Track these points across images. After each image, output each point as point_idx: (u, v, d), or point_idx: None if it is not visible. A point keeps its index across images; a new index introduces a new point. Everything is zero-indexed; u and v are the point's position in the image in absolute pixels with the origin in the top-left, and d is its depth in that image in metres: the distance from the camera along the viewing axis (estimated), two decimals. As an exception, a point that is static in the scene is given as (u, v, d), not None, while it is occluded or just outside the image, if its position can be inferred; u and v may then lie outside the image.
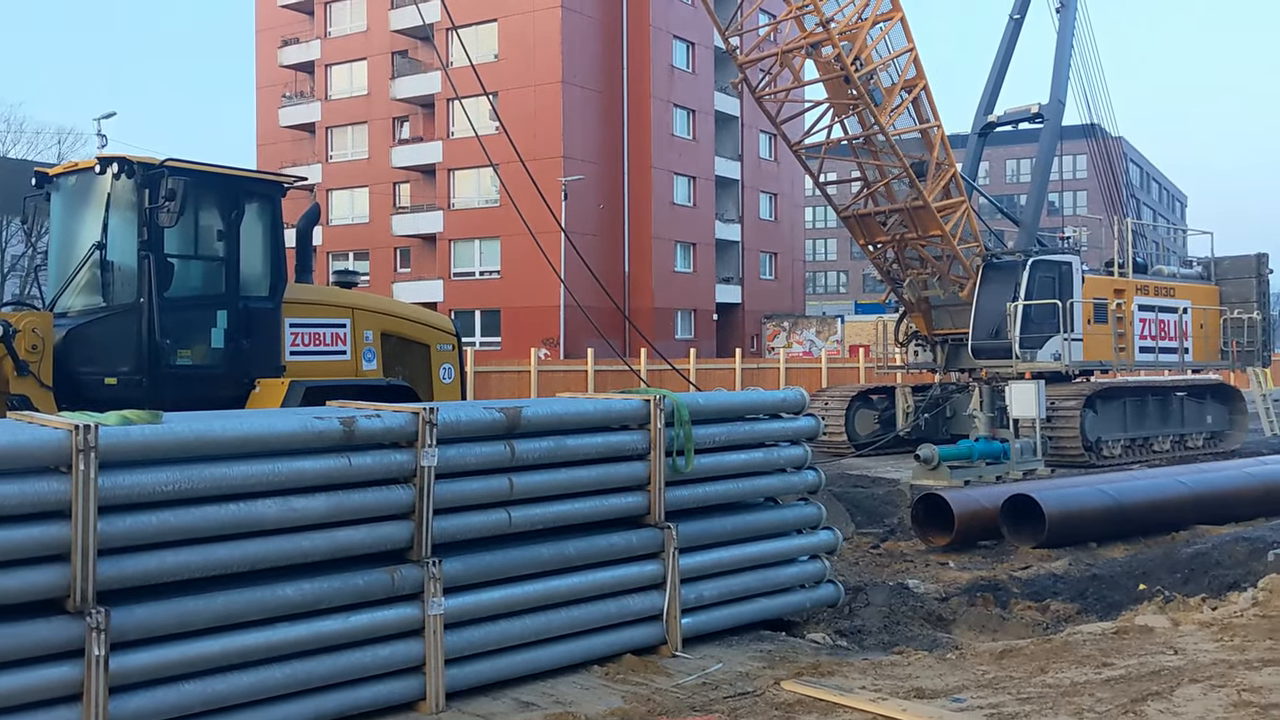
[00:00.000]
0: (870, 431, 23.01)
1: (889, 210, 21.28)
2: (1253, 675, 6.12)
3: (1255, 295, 25.23)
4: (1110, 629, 7.64)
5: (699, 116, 54.14)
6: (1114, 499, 13.10)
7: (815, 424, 8.13)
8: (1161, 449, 22.45)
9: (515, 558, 6.32)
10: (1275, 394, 30.53)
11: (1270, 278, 25.68)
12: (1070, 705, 5.68)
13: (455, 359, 11.92)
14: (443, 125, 51.54)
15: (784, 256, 61.31)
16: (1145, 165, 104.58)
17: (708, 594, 7.28)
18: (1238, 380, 27.27)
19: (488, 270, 50.75)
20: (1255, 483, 14.88)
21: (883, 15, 19.64)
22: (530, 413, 6.42)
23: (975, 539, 12.90)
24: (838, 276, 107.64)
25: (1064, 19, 23.63)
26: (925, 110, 20.38)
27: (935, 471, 16.47)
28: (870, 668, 6.62)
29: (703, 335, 53.01)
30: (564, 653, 6.48)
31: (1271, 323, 27.46)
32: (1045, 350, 21.12)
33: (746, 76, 20.71)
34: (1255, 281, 25.25)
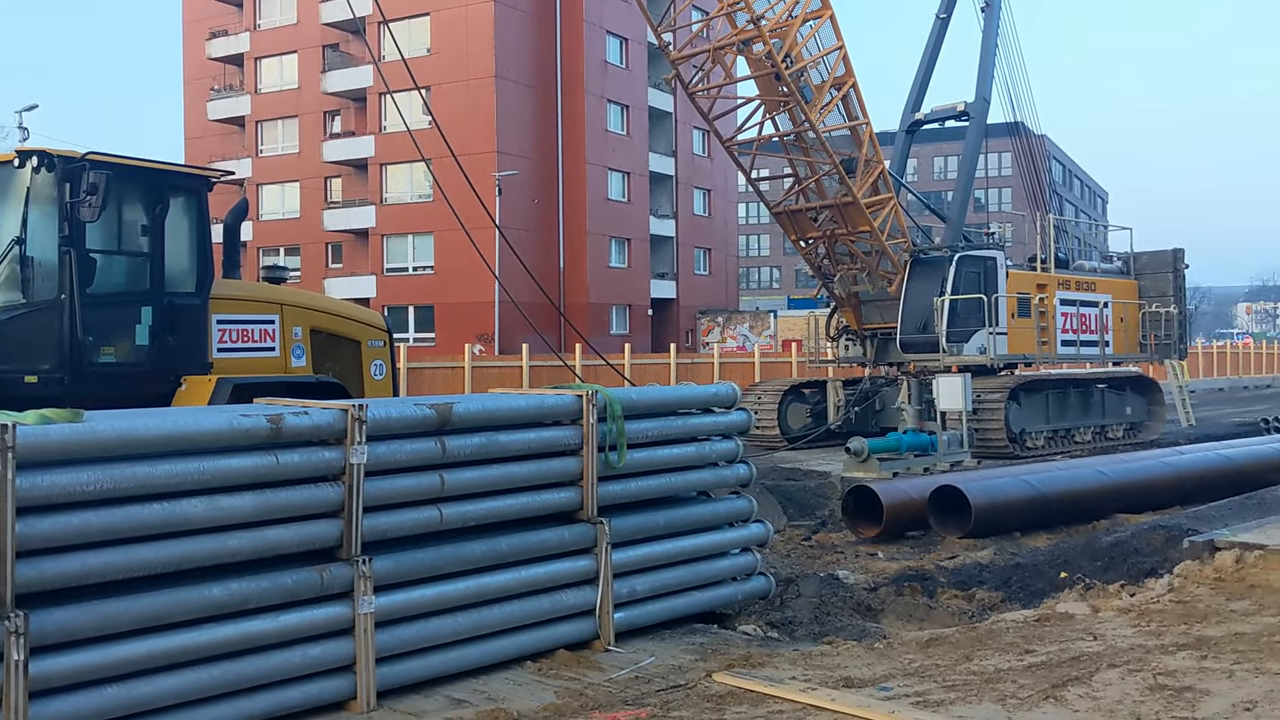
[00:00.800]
0: (802, 425, 23.23)
1: (820, 206, 21.49)
2: (1168, 659, 6.30)
3: (1172, 289, 25.90)
4: (1033, 616, 7.81)
5: (633, 112, 54.20)
6: (1037, 489, 13.39)
7: (747, 418, 8.20)
8: (1083, 440, 22.98)
9: (447, 555, 6.31)
10: (1191, 386, 31.46)
11: (1186, 272, 26.39)
12: (994, 692, 5.80)
13: (387, 355, 11.83)
14: (375, 119, 51.03)
15: (718, 252, 61.63)
16: (1068, 163, 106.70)
17: (640, 588, 7.32)
18: (1156, 372, 27.94)
19: (421, 266, 50.37)
20: (1172, 472, 15.29)
21: (813, 13, 19.82)
22: (461, 409, 6.40)
23: (904, 530, 13.10)
24: (771, 272, 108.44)
25: (988, 18, 24.02)
26: (854, 107, 20.60)
27: (865, 464, 16.71)
28: (800, 658, 6.71)
29: (638, 330, 53.11)
30: (497, 649, 6.48)
31: (1188, 316, 28.20)
32: (971, 344, 21.49)
33: (679, 73, 20.77)
34: (1172, 276, 25.91)
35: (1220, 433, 24.56)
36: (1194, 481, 15.20)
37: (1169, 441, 22.19)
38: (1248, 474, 15.96)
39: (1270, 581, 8.08)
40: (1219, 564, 8.44)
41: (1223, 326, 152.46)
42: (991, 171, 74.40)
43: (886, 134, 24.94)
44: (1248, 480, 15.56)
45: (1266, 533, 9.25)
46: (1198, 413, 29.93)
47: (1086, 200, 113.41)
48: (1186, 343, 27.63)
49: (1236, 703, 5.53)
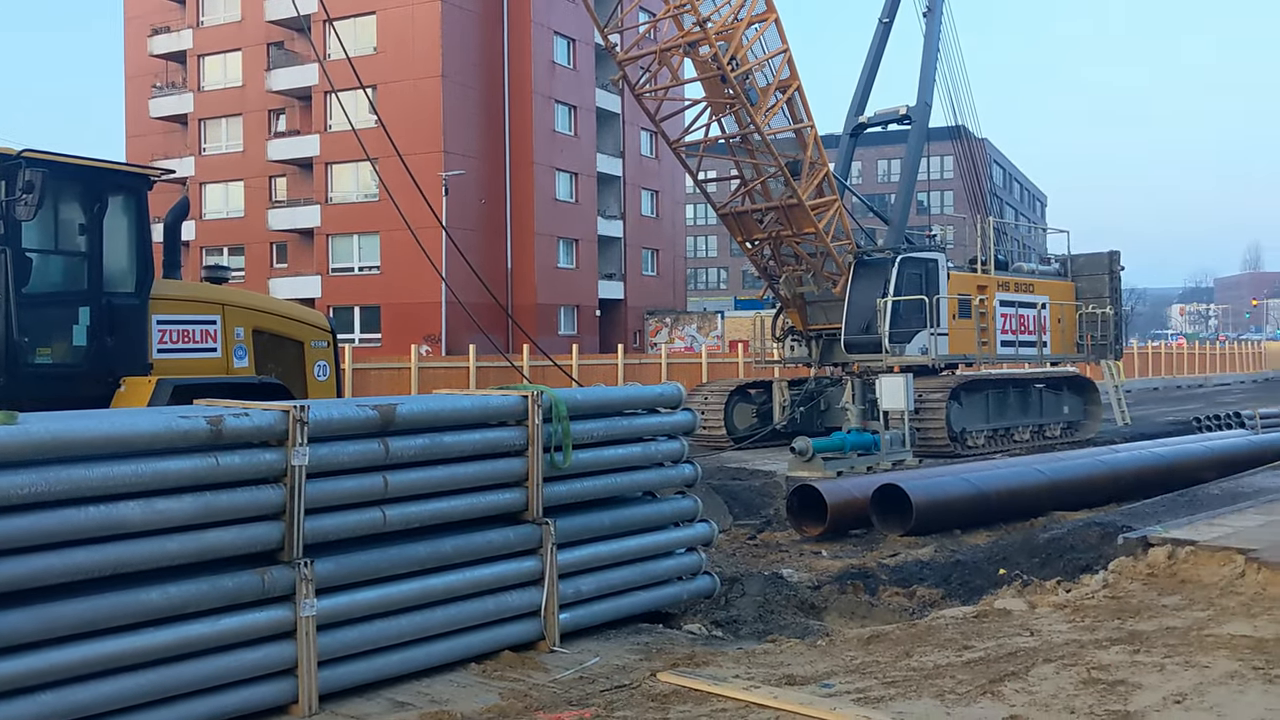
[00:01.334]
0: (748, 425, 23.38)
1: (765, 208, 21.64)
2: (1101, 654, 6.43)
3: (1108, 291, 26.41)
4: (971, 613, 7.92)
5: (580, 113, 54.16)
6: (977, 487, 13.61)
7: (692, 418, 8.25)
8: (1022, 439, 23.36)
9: (390, 557, 6.28)
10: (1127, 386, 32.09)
11: (1122, 274, 26.91)
12: (933, 687, 5.89)
13: (330, 356, 11.74)
14: (320, 118, 50.56)
15: (665, 253, 61.76)
16: (1008, 166, 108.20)
17: (586, 589, 7.33)
18: (1092, 372, 28.47)
19: (367, 266, 49.98)
20: (1108, 470, 15.61)
21: (758, 16, 19.96)
22: (405, 410, 6.38)
23: (847, 528, 13.25)
24: (718, 273, 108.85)
25: (930, 24, 24.33)
26: (799, 110, 20.78)
27: (810, 463, 16.85)
28: (744, 657, 6.75)
29: (586, 331, 53.08)
30: (441, 651, 6.46)
31: (1124, 317, 28.75)
32: (913, 344, 21.76)
33: (626, 74, 20.82)
34: (1108, 277, 26.43)
35: (1154, 431, 25.07)
36: (1129, 479, 15.53)
37: (1105, 440, 22.64)
38: (1180, 471, 16.34)
39: (1200, 577, 8.27)
40: (1152, 560, 8.62)
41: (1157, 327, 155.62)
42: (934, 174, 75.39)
43: (831, 137, 25.20)
44: (1180, 478, 15.93)
45: (1197, 529, 9.46)
46: (1133, 412, 30.57)
47: (1026, 203, 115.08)
48: (1122, 343, 28.19)
49: (1167, 695, 5.65)
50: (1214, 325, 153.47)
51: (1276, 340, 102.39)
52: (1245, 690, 5.73)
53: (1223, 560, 8.32)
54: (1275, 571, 7.89)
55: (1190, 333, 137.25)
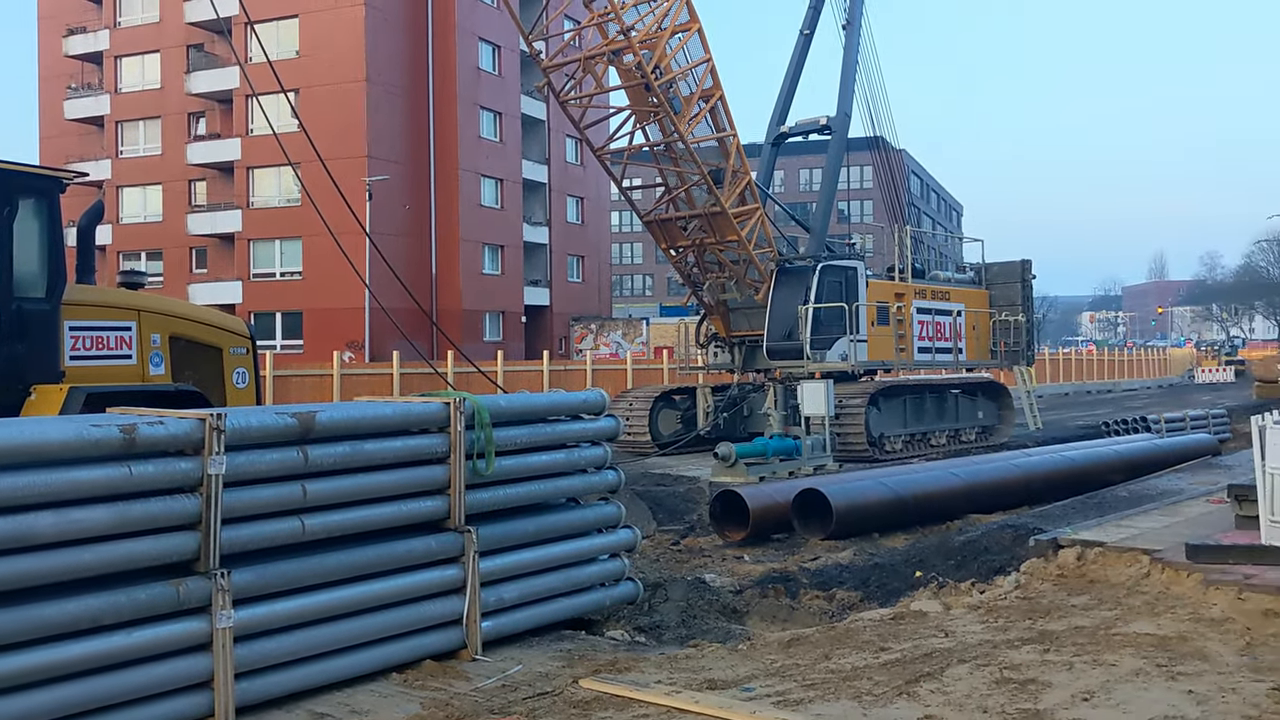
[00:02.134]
0: (673, 431, 23.50)
1: (689, 216, 21.80)
2: (1013, 654, 6.59)
3: (1020, 299, 27.07)
4: (889, 615, 8.06)
5: (506, 119, 54.02)
6: (895, 491, 13.85)
7: (615, 424, 8.28)
8: (938, 443, 23.80)
9: (310, 566, 6.21)
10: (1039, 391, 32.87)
11: (1033, 282, 27.60)
12: (851, 689, 5.99)
13: (250, 363, 11.57)
14: (241, 122, 49.78)
15: (591, 259, 61.81)
16: (926, 177, 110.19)
17: (509, 596, 7.31)
18: (1006, 378, 29.09)
19: (289, 271, 49.30)
20: (1020, 473, 16.00)
21: (681, 25, 20.11)
22: (325, 417, 6.32)
23: (769, 532, 13.38)
24: (643, 279, 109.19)
25: (849, 36, 24.72)
26: (722, 119, 20.97)
27: (733, 468, 17.00)
28: (666, 662, 6.79)
29: (511, 337, 52.90)
30: (362, 661, 6.41)
31: (1035, 325, 29.45)
32: (834, 351, 22.08)
33: (550, 81, 20.84)
34: (1020, 286, 27.10)
35: (1065, 435, 25.73)
36: (1040, 482, 15.93)
37: (1018, 444, 23.18)
38: (1090, 474, 16.81)
39: (1108, 577, 8.51)
40: (1062, 561, 8.86)
41: (1068, 334, 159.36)
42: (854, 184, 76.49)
43: (754, 146, 25.46)
44: (1089, 480, 16.39)
45: (1105, 530, 9.75)
46: (1044, 416, 31.29)
47: (943, 213, 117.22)
48: (1034, 350, 28.92)
49: (1075, 693, 5.81)
50: (1122, 332, 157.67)
51: (1181, 347, 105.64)
52: (1149, 687, 5.91)
53: (1129, 561, 8.58)
54: (1178, 571, 8.15)
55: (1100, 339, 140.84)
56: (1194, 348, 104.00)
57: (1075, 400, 50.12)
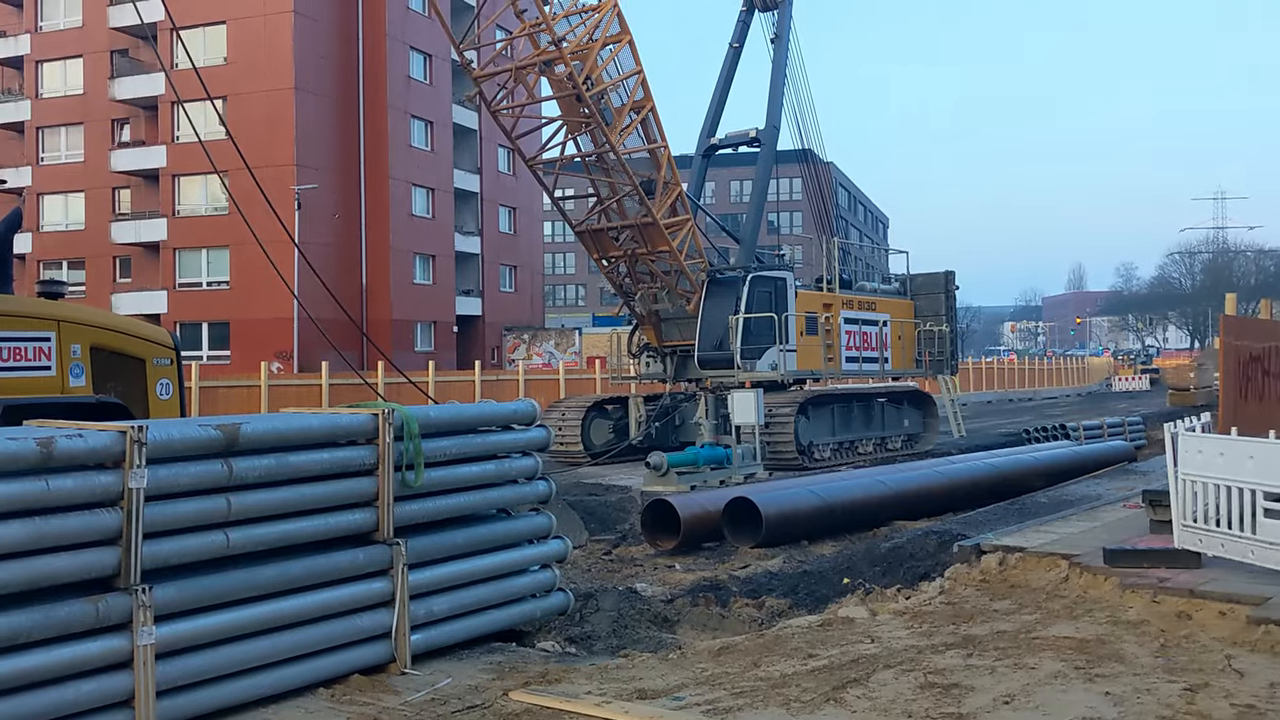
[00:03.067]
0: (605, 440, 23.53)
1: (621, 226, 21.87)
2: (937, 658, 6.71)
3: (944, 309, 27.57)
4: (817, 622, 8.14)
5: (437, 128, 53.72)
6: (823, 499, 14.01)
7: (546, 435, 8.27)
8: (865, 451, 24.14)
9: (235, 581, 6.12)
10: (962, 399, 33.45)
11: (957, 293, 28.11)
12: (779, 696, 6.05)
13: (174, 374, 11.36)
14: (167, 129, 48.90)
15: (523, 269, 61.65)
16: (853, 189, 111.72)
17: (438, 609, 7.27)
18: (930, 387, 29.58)
19: (216, 281, 48.52)
20: (945, 480, 16.30)
21: (612, 37, 20.20)
22: (250, 429, 6.24)
23: (701, 541, 13.45)
24: (576, 289, 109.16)
25: (778, 50, 25.01)
26: (653, 131, 21.08)
27: (664, 478, 17.05)
28: (597, 672, 6.80)
29: (443, 347, 52.55)
30: (288, 676, 6.33)
31: (959, 334, 30.00)
32: (764, 360, 22.29)
33: (482, 91, 20.80)
34: (944, 296, 27.60)
35: (988, 443, 26.23)
36: (964, 489, 16.24)
37: (942, 452, 23.59)
38: (1011, 481, 17.19)
39: (1029, 581, 8.70)
40: (984, 566, 9.03)
41: (991, 344, 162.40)
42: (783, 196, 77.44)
43: (685, 158, 25.63)
44: (1012, 487, 16.77)
45: (1026, 536, 9.96)
46: (968, 424, 31.87)
47: (870, 224, 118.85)
48: (958, 359, 29.48)
49: (997, 697, 5.94)
50: (1043, 342, 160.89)
51: (1099, 356, 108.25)
52: (1069, 689, 6.05)
53: (1049, 565, 8.78)
54: (1096, 575, 8.36)
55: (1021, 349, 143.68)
56: (1111, 357, 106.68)
57: (998, 408, 51.03)
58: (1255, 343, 11.39)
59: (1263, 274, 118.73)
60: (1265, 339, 11.80)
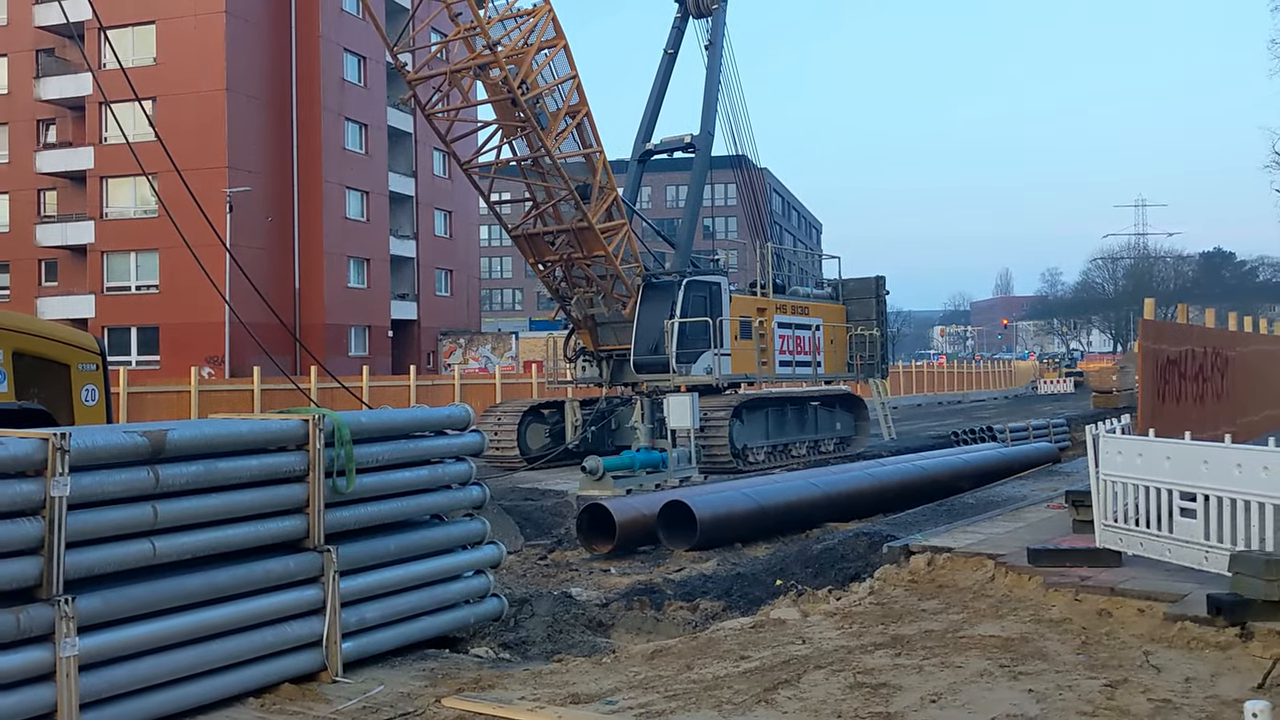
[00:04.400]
0: (541, 445, 23.49)
1: (557, 230, 21.86)
2: (867, 658, 6.81)
3: (875, 314, 27.97)
4: (750, 624, 8.22)
5: (371, 131, 53.26)
6: (757, 502, 14.13)
7: (480, 440, 8.26)
8: (799, 454, 24.39)
9: (162, 590, 6.04)
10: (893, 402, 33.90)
11: (887, 298, 28.55)
12: (712, 698, 6.10)
13: (100, 379, 11.15)
14: (95, 130, 47.91)
15: (460, 273, 61.32)
16: (787, 195, 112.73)
17: (371, 616, 7.23)
18: (862, 390, 29.96)
19: (145, 285, 47.64)
20: (876, 482, 16.54)
21: (547, 42, 20.19)
22: (177, 435, 6.16)
23: (636, 545, 13.50)
24: (513, 294, 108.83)
25: (712, 56, 25.19)
26: (588, 135, 21.11)
27: (600, 482, 17.07)
28: (531, 677, 6.81)
29: (378, 352, 52.08)
30: (217, 686, 6.26)
31: (890, 338, 30.42)
32: (699, 364, 22.42)
33: (416, 94, 20.68)
34: (875, 301, 28.02)
35: (918, 445, 26.64)
36: (894, 490, 16.49)
37: (873, 454, 23.93)
38: (940, 482, 17.50)
39: (956, 581, 8.86)
40: (913, 567, 9.18)
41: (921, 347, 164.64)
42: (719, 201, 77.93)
43: (621, 163, 25.69)
44: (940, 488, 17.07)
45: (954, 536, 10.13)
46: (898, 427, 32.33)
47: (803, 230, 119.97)
48: (888, 363, 29.93)
49: (924, 695, 6.04)
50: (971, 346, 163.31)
51: (1025, 360, 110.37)
52: (994, 687, 6.18)
53: (975, 565, 8.94)
54: (1021, 575, 8.53)
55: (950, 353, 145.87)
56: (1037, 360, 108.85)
57: (928, 411, 51.76)
58: (1172, 346, 11.70)
59: (1181, 279, 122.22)
60: (1182, 343, 12.12)
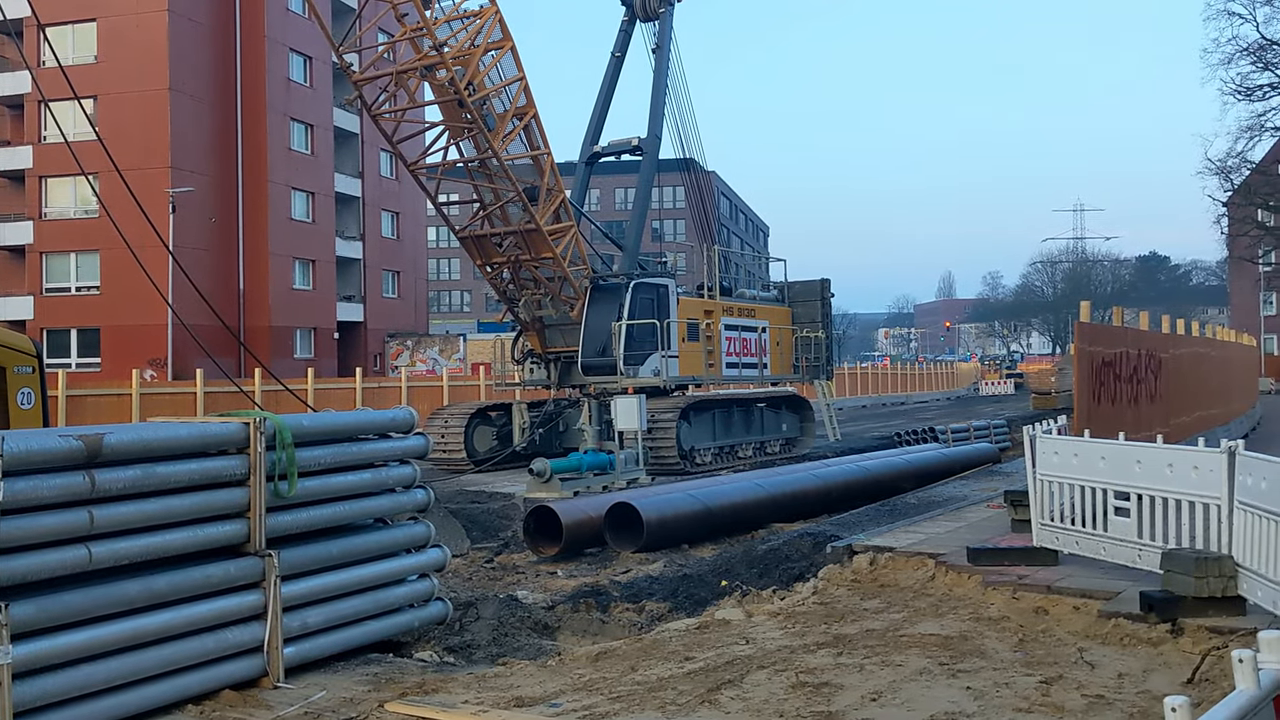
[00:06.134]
0: (489, 448, 23.40)
1: (504, 232, 21.79)
2: (809, 658, 6.88)
3: (820, 316, 28.20)
4: (694, 624, 8.28)
5: (318, 131, 52.76)
6: (704, 503, 14.20)
7: (424, 443, 8.23)
8: (745, 455, 24.54)
9: (98, 596, 5.96)
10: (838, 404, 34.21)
11: (832, 300, 28.79)
12: (656, 700, 6.14)
13: (36, 382, 10.96)
14: (34, 128, 46.95)
15: (407, 275, 60.90)
16: (734, 198, 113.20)
17: (313, 621, 7.18)
18: (807, 392, 30.21)
19: (86, 286, 46.81)
20: (820, 483, 16.70)
21: (494, 43, 20.13)
22: (114, 439, 6.08)
23: (583, 547, 13.52)
24: (461, 295, 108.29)
25: (659, 60, 25.25)
26: (536, 137, 21.07)
27: (548, 484, 17.04)
28: (475, 681, 6.80)
29: (324, 354, 51.59)
30: (155, 694, 6.19)
31: (835, 340, 30.69)
32: (646, 366, 22.46)
33: (362, 94, 20.51)
34: (820, 304, 28.26)
35: (862, 446, 26.92)
36: (839, 491, 16.66)
37: (818, 455, 24.16)
38: (883, 483, 17.71)
39: (898, 580, 8.97)
40: (856, 566, 9.28)
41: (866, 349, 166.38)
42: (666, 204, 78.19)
43: (568, 165, 25.66)
44: (883, 488, 17.27)
45: (896, 536, 10.26)
46: (843, 428, 32.64)
47: (750, 233, 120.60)
48: (833, 364, 30.20)
49: (865, 694, 6.12)
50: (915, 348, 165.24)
51: (967, 361, 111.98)
52: (933, 685, 6.27)
53: (916, 565, 9.06)
54: (960, 574, 8.66)
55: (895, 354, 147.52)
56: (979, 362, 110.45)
57: (872, 412, 52.28)
58: (1107, 348, 11.92)
59: (1118, 282, 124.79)
60: (1116, 345, 12.36)
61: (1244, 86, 58.95)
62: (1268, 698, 2.78)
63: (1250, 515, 6.83)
